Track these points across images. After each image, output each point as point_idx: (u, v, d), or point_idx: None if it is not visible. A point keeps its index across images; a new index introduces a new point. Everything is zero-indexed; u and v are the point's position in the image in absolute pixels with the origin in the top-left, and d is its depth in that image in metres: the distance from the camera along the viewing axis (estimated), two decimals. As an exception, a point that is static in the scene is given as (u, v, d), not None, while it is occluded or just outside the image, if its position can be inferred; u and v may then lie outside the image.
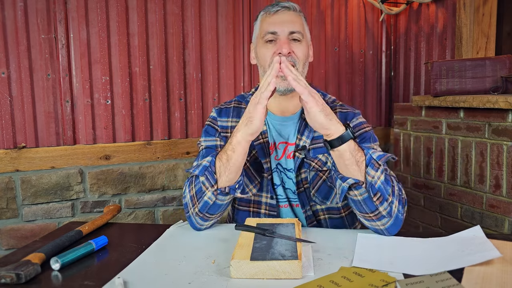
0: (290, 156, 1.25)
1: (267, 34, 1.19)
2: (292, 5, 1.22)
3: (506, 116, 1.61)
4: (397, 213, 1.04)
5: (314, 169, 1.23)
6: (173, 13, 2.00)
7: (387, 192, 1.02)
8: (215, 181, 1.09)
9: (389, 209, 1.03)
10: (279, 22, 1.19)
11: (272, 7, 1.22)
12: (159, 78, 2.00)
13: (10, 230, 1.81)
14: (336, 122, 1.01)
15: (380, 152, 1.05)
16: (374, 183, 1.01)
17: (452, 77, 1.81)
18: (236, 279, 0.82)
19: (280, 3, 1.22)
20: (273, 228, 1.01)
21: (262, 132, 1.24)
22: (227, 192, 1.10)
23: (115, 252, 1.00)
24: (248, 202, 1.28)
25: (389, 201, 1.02)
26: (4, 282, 0.81)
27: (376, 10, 2.41)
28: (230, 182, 1.10)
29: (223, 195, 1.10)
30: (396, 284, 0.77)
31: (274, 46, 1.18)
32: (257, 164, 1.24)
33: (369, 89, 2.45)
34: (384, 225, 1.05)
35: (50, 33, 1.82)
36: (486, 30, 2.04)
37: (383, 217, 1.03)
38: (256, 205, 1.27)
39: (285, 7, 1.21)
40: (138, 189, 2.00)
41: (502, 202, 1.66)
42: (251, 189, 1.23)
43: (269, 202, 1.25)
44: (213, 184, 1.09)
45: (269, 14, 1.21)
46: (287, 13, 1.20)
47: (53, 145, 1.86)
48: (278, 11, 1.20)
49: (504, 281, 0.77)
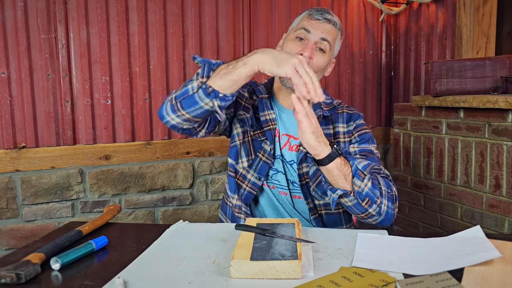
0: (293, 149, 1.29)
1: (301, 29, 1.24)
2: (336, 21, 1.28)
3: (506, 116, 1.61)
4: (387, 210, 1.13)
5: None
6: (173, 13, 2.00)
7: (375, 196, 1.10)
8: (207, 74, 1.06)
9: (378, 209, 1.11)
10: (315, 26, 1.24)
11: (318, 13, 1.26)
12: (159, 78, 2.00)
13: (10, 230, 1.81)
14: (323, 144, 1.07)
15: (365, 162, 1.12)
16: (361, 191, 1.09)
17: (452, 77, 1.81)
18: (236, 279, 0.82)
19: (327, 14, 1.26)
20: (273, 228, 1.01)
21: (272, 119, 1.30)
22: (209, 93, 1.04)
23: (115, 252, 1.00)
24: (236, 172, 1.33)
25: (378, 202, 1.11)
26: (4, 282, 0.81)
27: (376, 10, 2.41)
28: (219, 88, 1.04)
29: (205, 94, 1.04)
30: (396, 284, 0.77)
31: (301, 45, 1.24)
32: (258, 142, 1.30)
33: (369, 89, 2.45)
34: (376, 221, 1.15)
35: (50, 33, 1.82)
36: (486, 30, 2.04)
37: (373, 216, 1.13)
38: (241, 178, 1.32)
39: (329, 19, 1.25)
40: (138, 189, 2.00)
41: (502, 202, 1.66)
42: (243, 161, 1.30)
43: (253, 181, 1.30)
44: (204, 76, 1.06)
45: (313, 17, 1.25)
46: (327, 24, 1.25)
47: (53, 145, 1.86)
48: (321, 20, 1.25)
49: (504, 281, 0.77)
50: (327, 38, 1.24)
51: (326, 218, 1.31)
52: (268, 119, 1.31)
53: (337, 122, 1.32)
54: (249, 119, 1.31)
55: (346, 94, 2.39)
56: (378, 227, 1.15)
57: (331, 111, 1.32)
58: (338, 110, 1.33)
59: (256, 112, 1.33)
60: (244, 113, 1.32)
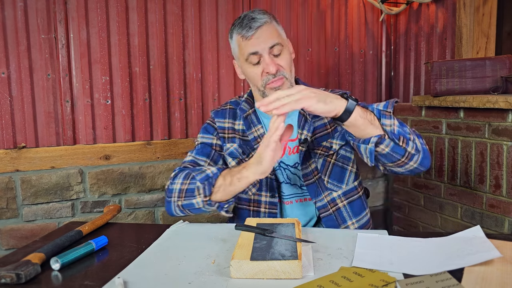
0: (294, 151, 1.29)
1: (250, 56, 1.22)
2: (261, 17, 1.22)
3: (506, 116, 1.61)
4: (422, 146, 1.10)
5: (322, 156, 1.27)
6: (173, 13, 2.00)
7: (406, 133, 1.06)
8: (210, 193, 1.13)
9: (415, 146, 1.07)
10: (257, 43, 1.21)
11: (245, 30, 1.21)
12: (159, 78, 2.00)
13: (10, 230, 1.81)
14: (335, 101, 1.00)
15: (383, 102, 1.08)
16: (393, 130, 1.04)
17: (452, 77, 1.81)
18: (236, 279, 0.82)
19: (253, 22, 1.21)
20: (273, 228, 1.01)
21: (260, 135, 1.29)
22: (214, 206, 1.15)
23: (115, 252, 1.00)
24: (248, 201, 1.31)
25: (412, 139, 1.07)
26: (4, 282, 0.81)
27: (376, 10, 2.41)
28: (222, 199, 1.15)
29: (210, 206, 1.15)
30: (396, 284, 0.77)
31: (260, 65, 1.22)
32: None
33: (369, 89, 2.45)
34: (416, 162, 1.09)
35: (50, 33, 1.82)
36: (486, 30, 2.04)
37: (414, 156, 1.07)
38: (256, 203, 1.30)
39: (257, 26, 1.20)
40: (138, 189, 2.00)
41: (502, 202, 1.66)
42: (250, 188, 1.25)
43: (269, 201, 1.28)
44: (207, 195, 1.13)
45: (246, 35, 1.21)
46: (262, 29, 1.21)
47: (53, 145, 1.86)
48: (255, 32, 1.20)
49: (504, 281, 0.77)
50: (274, 43, 1.21)
51: (349, 208, 1.28)
52: (256, 136, 1.30)
53: None
54: (238, 148, 1.31)
55: (346, 94, 2.39)
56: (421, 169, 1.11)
57: None
58: None
59: (244, 135, 1.32)
60: (231, 145, 1.32)
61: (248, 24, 1.21)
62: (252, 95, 1.38)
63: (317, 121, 1.30)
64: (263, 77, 1.23)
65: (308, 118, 1.29)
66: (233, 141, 1.32)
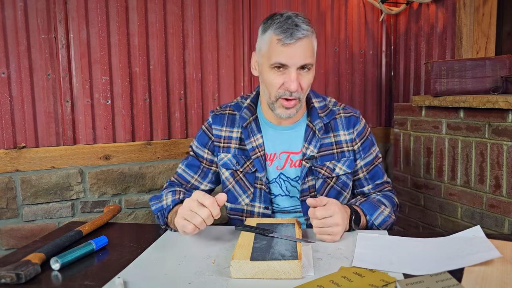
0: (296, 164, 1.26)
1: (277, 63, 1.14)
2: (305, 28, 1.13)
3: (506, 116, 1.61)
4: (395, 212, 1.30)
5: (323, 177, 1.25)
6: (173, 13, 2.00)
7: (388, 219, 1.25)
8: (164, 223, 1.20)
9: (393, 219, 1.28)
10: (291, 56, 1.12)
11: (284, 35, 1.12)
12: (159, 78, 2.00)
13: (10, 230, 1.81)
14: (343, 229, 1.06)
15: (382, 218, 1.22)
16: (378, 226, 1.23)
17: (452, 77, 1.81)
18: (236, 279, 0.82)
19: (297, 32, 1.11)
20: (273, 228, 1.01)
21: (259, 145, 1.26)
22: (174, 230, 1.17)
23: (115, 252, 1.00)
24: (241, 211, 1.30)
25: (392, 219, 1.27)
26: (4, 282, 0.81)
27: (376, 10, 2.41)
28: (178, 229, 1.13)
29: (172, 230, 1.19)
30: (396, 284, 0.77)
31: (282, 75, 1.15)
32: (251, 175, 1.27)
33: (369, 89, 2.45)
34: None
35: (50, 33, 1.82)
36: (486, 30, 2.04)
37: None
38: (249, 214, 1.29)
39: (299, 38, 1.11)
40: (138, 189, 2.00)
41: (502, 202, 1.66)
42: (244, 199, 1.27)
43: (262, 212, 1.27)
44: (162, 224, 1.21)
45: (283, 43, 1.12)
46: (299, 43, 1.12)
47: (53, 145, 1.86)
48: (295, 43, 1.11)
49: (504, 281, 0.77)
50: (306, 62, 1.14)
51: None
52: (255, 146, 1.26)
53: (337, 129, 1.28)
54: (232, 159, 1.29)
55: (346, 94, 2.39)
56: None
57: (329, 117, 1.28)
58: (336, 116, 1.29)
59: (242, 143, 1.29)
60: (225, 155, 1.30)
61: (290, 30, 1.11)
62: (255, 101, 1.32)
63: (325, 138, 1.27)
64: (280, 89, 1.16)
65: (317, 134, 1.25)
66: (228, 151, 1.29)
